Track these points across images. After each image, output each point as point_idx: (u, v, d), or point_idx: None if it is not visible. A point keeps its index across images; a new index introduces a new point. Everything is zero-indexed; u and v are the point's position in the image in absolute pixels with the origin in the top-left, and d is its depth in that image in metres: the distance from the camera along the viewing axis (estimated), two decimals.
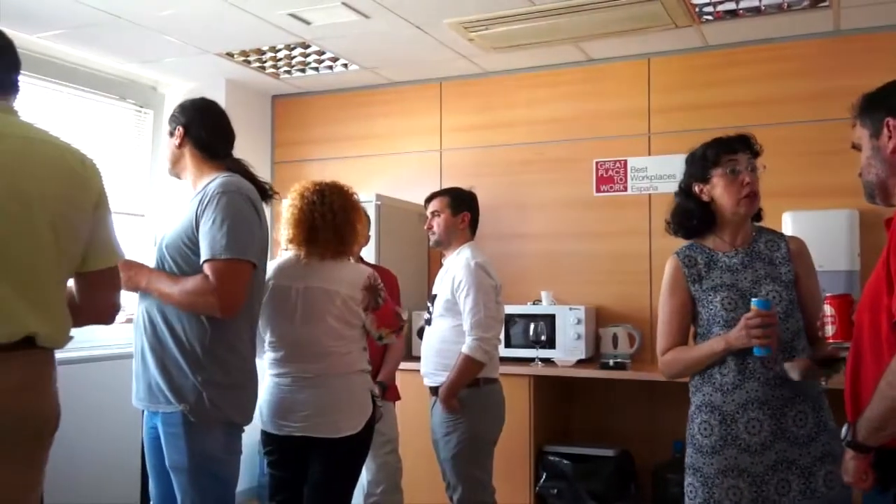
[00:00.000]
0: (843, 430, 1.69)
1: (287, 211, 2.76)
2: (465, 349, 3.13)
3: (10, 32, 4.23)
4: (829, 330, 1.95)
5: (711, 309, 2.25)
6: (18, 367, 1.73)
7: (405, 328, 2.88)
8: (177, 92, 4.96)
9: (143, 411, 2.48)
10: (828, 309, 1.97)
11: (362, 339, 2.77)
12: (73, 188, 1.82)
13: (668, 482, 3.98)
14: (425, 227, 3.41)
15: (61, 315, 1.82)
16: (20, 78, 1.92)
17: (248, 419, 2.47)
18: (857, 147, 1.81)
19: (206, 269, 2.28)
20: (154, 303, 2.35)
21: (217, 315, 2.31)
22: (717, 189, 2.28)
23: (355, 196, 2.86)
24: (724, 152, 2.29)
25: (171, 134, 2.53)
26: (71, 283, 1.92)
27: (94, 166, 1.90)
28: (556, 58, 4.60)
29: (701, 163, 2.33)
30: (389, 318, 2.77)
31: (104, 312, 2.00)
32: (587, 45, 4.40)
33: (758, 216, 2.35)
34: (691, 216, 2.35)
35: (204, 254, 2.29)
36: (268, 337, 2.72)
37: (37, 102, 4.20)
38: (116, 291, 2.00)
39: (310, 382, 2.67)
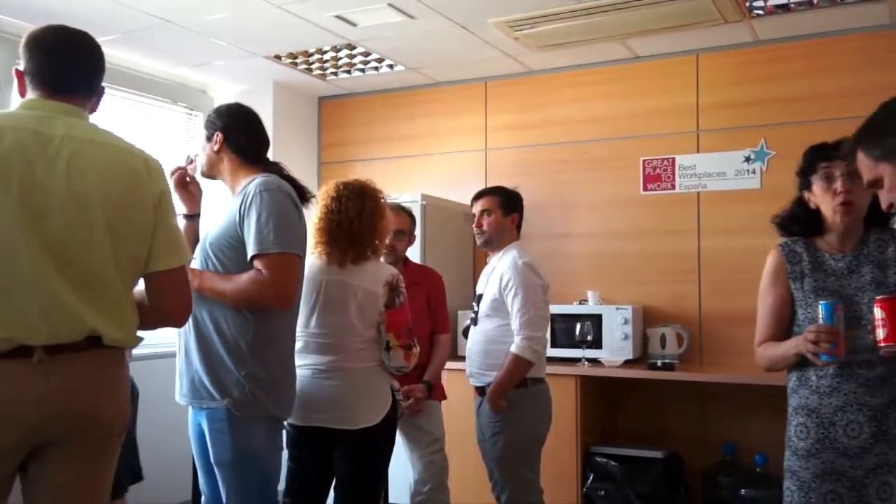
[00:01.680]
0: None
1: (314, 216, 2.79)
2: (514, 349, 3.12)
3: None
4: (881, 334, 1.90)
5: (810, 313, 2.18)
6: (84, 367, 1.76)
7: (416, 359, 2.79)
8: (226, 94, 5.04)
9: (189, 408, 2.52)
10: (877, 312, 1.92)
11: (380, 339, 2.73)
12: (133, 189, 1.85)
13: (718, 485, 3.92)
14: (474, 226, 3.38)
15: (124, 314, 1.85)
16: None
17: (288, 413, 2.51)
18: (876, 184, 1.65)
19: (258, 263, 2.32)
20: (197, 301, 2.38)
21: (273, 307, 2.36)
22: (817, 197, 2.22)
23: (378, 196, 2.82)
24: (819, 159, 2.22)
25: (209, 139, 2.56)
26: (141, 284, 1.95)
27: (158, 167, 1.93)
28: (601, 55, 4.56)
29: (802, 170, 2.27)
30: (400, 325, 2.72)
31: (172, 313, 2.00)
32: (634, 43, 4.36)
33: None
34: (795, 221, 2.30)
35: (253, 249, 2.32)
36: None
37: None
38: (184, 292, 1.99)
39: (326, 375, 2.69)
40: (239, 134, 2.54)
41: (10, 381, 1.68)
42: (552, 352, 4.11)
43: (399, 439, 3.49)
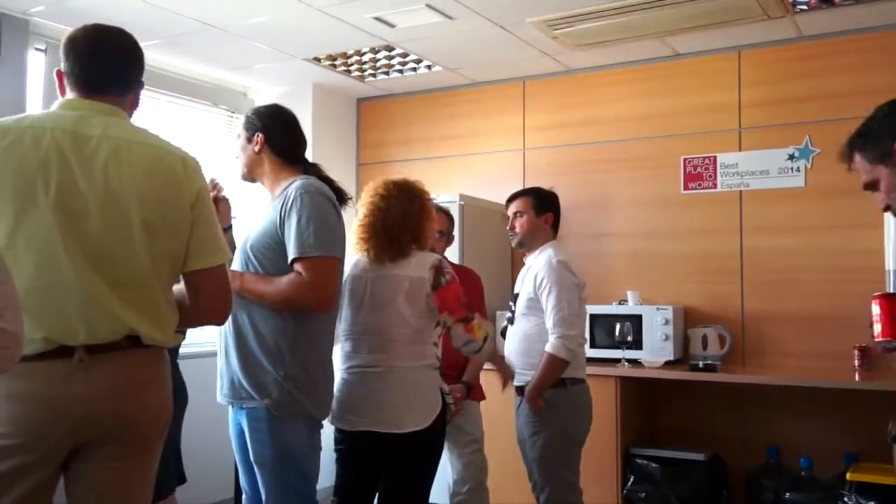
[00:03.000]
0: None
1: (359, 213, 2.78)
2: (548, 347, 3.11)
3: None
4: (877, 329, 1.92)
5: None
6: (124, 366, 1.78)
7: (486, 329, 2.70)
8: (266, 97, 5.10)
9: (229, 407, 2.55)
10: (875, 308, 1.93)
11: (431, 330, 2.68)
12: (170, 188, 1.84)
13: (762, 488, 3.87)
14: (507, 228, 3.38)
15: (162, 314, 1.85)
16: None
17: (326, 413, 2.52)
18: (873, 186, 1.71)
19: (298, 266, 2.33)
20: (237, 302, 2.39)
21: (313, 310, 2.38)
22: None
23: (425, 196, 2.77)
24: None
25: (249, 140, 2.56)
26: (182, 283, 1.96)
27: (195, 166, 1.92)
28: (641, 54, 4.52)
29: None
30: (452, 301, 2.66)
31: (212, 312, 2.00)
32: (674, 40, 4.31)
33: None
34: None
35: (293, 252, 2.34)
36: (340, 327, 2.72)
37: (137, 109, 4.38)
38: (224, 290, 1.97)
39: (375, 376, 2.62)
40: (279, 135, 2.56)
41: (52, 380, 1.70)
42: (591, 352, 4.09)
43: None
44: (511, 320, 3.35)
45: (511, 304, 3.39)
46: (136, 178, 1.79)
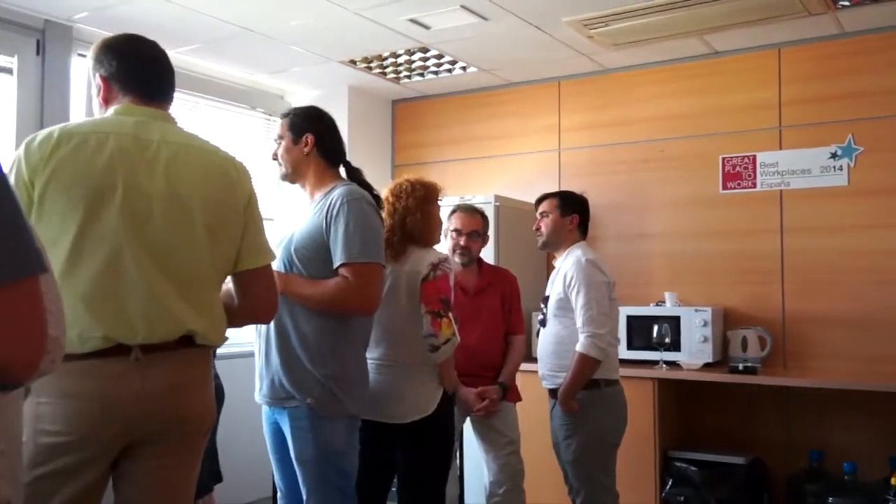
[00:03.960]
0: None
1: None
2: (578, 347, 3.09)
3: None
4: None
5: None
6: (176, 367, 1.81)
7: (451, 332, 2.76)
8: (302, 100, 5.14)
9: (265, 407, 2.58)
10: None
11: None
12: (226, 191, 1.90)
13: (804, 493, 3.79)
14: (533, 228, 3.39)
15: (217, 314, 1.91)
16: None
17: (364, 411, 2.56)
18: None
19: (345, 271, 2.38)
20: (279, 302, 2.43)
21: (358, 314, 2.47)
22: None
23: (423, 196, 2.89)
24: None
25: (296, 141, 2.57)
26: (229, 283, 2.01)
27: (245, 170, 1.99)
28: (678, 52, 4.47)
29: None
30: (431, 293, 2.74)
31: (262, 310, 2.07)
32: (712, 38, 4.25)
33: None
34: None
35: (340, 257, 2.38)
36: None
37: (177, 114, 4.45)
38: (272, 290, 2.04)
39: (382, 369, 2.78)
40: (328, 137, 2.59)
41: (108, 379, 1.72)
42: (628, 354, 4.06)
43: (474, 440, 3.51)
44: (543, 322, 3.33)
45: (542, 306, 3.38)
46: (196, 181, 1.84)
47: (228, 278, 2.00)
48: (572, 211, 3.33)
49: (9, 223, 0.92)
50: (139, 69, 1.91)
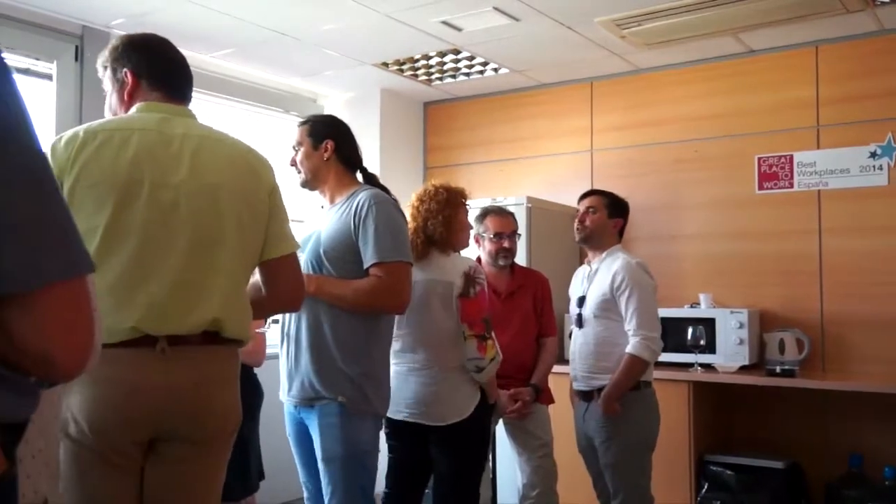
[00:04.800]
0: None
1: None
2: (631, 349, 3.07)
3: (188, 53, 4.57)
4: None
5: None
6: (202, 362, 1.81)
7: (494, 352, 2.80)
8: (335, 103, 5.18)
9: (289, 407, 2.60)
10: None
11: (460, 333, 2.81)
12: (250, 181, 1.92)
13: (843, 499, 3.73)
14: (576, 220, 3.34)
15: (242, 306, 1.90)
16: (196, 94, 2.08)
17: (387, 410, 2.60)
18: None
19: (377, 270, 2.43)
20: (309, 304, 2.45)
21: (391, 312, 2.53)
22: None
23: (447, 201, 2.91)
24: None
25: (315, 147, 2.60)
26: (256, 276, 2.01)
27: (265, 160, 2.00)
28: (713, 51, 4.42)
29: None
30: (474, 314, 2.78)
31: (290, 298, 2.08)
32: (747, 36, 4.20)
33: None
34: None
35: (371, 257, 2.43)
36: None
37: (212, 118, 4.52)
38: (297, 277, 2.06)
39: (418, 373, 2.81)
40: (346, 144, 2.64)
41: (135, 367, 1.74)
42: (662, 356, 3.96)
43: (507, 443, 3.50)
44: (578, 323, 3.31)
45: (575, 307, 3.35)
46: (221, 171, 1.86)
47: (256, 271, 2.00)
48: (618, 215, 3.32)
49: (60, 223, 0.93)
50: (168, 67, 1.96)
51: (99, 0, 3.64)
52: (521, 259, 3.92)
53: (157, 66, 1.94)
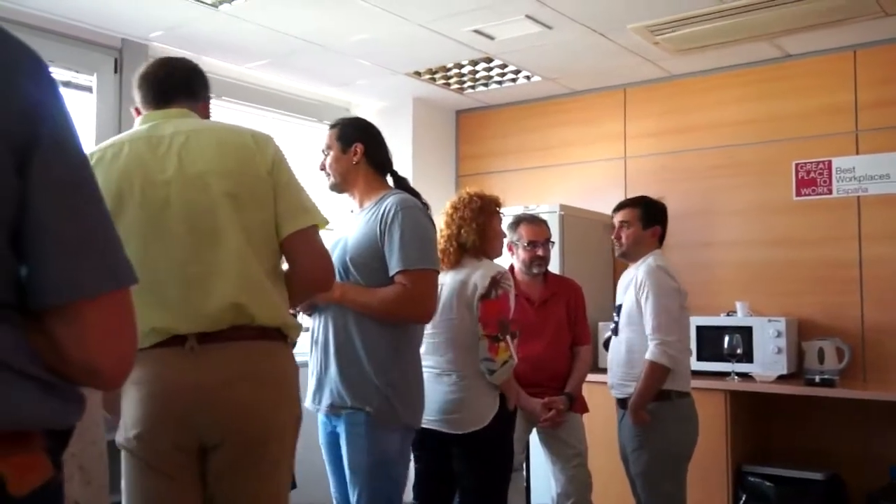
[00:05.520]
0: None
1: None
2: (648, 355, 3.04)
3: (224, 65, 4.61)
4: None
5: None
6: (233, 359, 1.77)
7: (507, 356, 2.77)
8: (367, 112, 5.21)
9: (321, 416, 2.59)
10: None
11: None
12: (244, 160, 1.86)
13: None
14: (613, 237, 3.34)
15: (266, 289, 1.83)
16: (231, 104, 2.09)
17: (419, 422, 2.55)
18: None
19: (402, 278, 2.39)
20: (337, 312, 2.45)
21: (415, 321, 2.48)
22: None
23: (481, 209, 2.94)
24: None
25: (345, 151, 2.58)
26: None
27: (265, 138, 1.93)
28: (748, 56, 4.37)
29: None
30: (491, 315, 2.77)
31: (312, 276, 1.96)
32: (783, 41, 4.15)
33: None
34: None
35: (397, 265, 2.39)
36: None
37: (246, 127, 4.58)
38: (319, 253, 1.94)
39: (440, 378, 2.82)
40: (376, 147, 2.62)
41: (166, 367, 1.75)
42: (698, 365, 3.96)
43: (541, 452, 3.48)
44: (615, 331, 3.29)
45: (614, 314, 3.33)
46: (210, 157, 1.83)
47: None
48: (654, 222, 3.27)
49: (103, 235, 0.96)
50: (145, 83, 2.00)
51: (137, 14, 3.71)
52: (554, 267, 3.90)
53: (140, 89, 2.00)
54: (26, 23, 3.56)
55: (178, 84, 2.00)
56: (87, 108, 3.91)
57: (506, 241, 3.28)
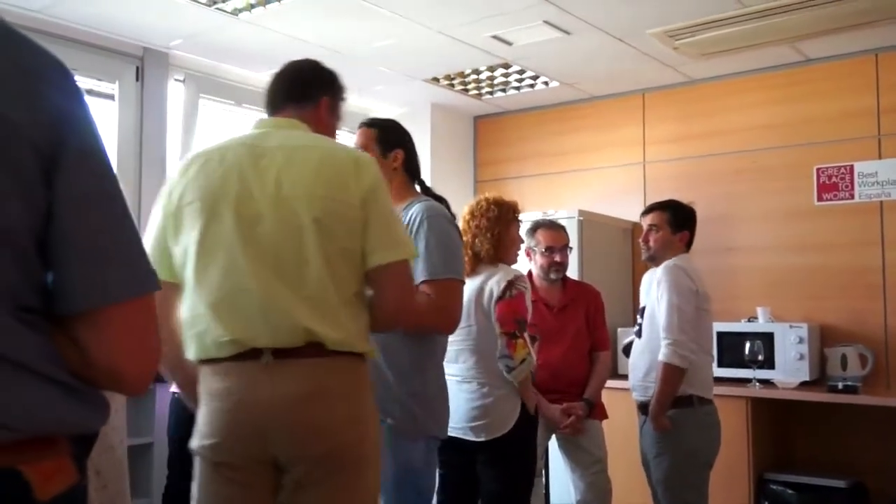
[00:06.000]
0: None
1: None
2: (661, 357, 2.99)
3: (243, 71, 4.63)
4: None
5: None
6: (308, 375, 1.76)
7: (526, 353, 2.74)
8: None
9: None
10: None
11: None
12: (338, 186, 1.83)
13: None
14: (641, 240, 3.31)
15: (339, 315, 1.80)
16: (250, 111, 2.10)
17: (445, 433, 2.51)
18: None
19: (427, 288, 2.34)
20: None
21: (440, 332, 2.43)
22: None
23: (497, 214, 2.93)
24: None
25: (385, 156, 2.51)
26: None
27: (367, 164, 1.88)
28: (768, 60, 4.35)
29: None
30: (507, 314, 2.74)
31: (392, 311, 1.92)
32: (804, 45, 4.12)
33: None
34: None
35: (422, 274, 2.35)
36: None
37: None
38: (404, 288, 1.92)
39: (461, 385, 2.80)
40: (413, 154, 2.58)
41: (243, 380, 1.75)
42: (719, 371, 3.93)
43: (560, 459, 3.46)
44: (639, 333, 3.26)
45: (638, 317, 3.30)
46: (306, 180, 1.81)
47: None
48: (683, 227, 3.24)
49: (129, 242, 0.97)
50: (268, 87, 2.03)
51: (158, 22, 3.74)
52: (572, 273, 3.89)
53: (266, 91, 2.04)
54: (50, 32, 3.60)
55: (286, 92, 2.02)
56: (109, 116, 3.96)
57: (524, 246, 3.27)
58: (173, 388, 3.23)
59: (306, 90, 2.03)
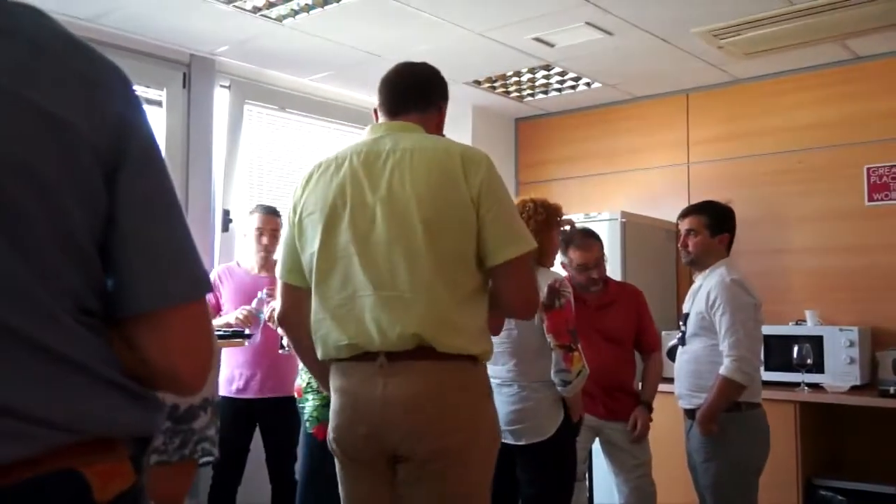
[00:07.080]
0: None
1: None
2: (723, 371, 2.97)
3: (287, 76, 4.68)
4: None
5: None
6: (417, 377, 1.81)
7: (581, 365, 2.72)
8: None
9: None
10: None
11: (543, 346, 2.76)
12: (447, 186, 1.84)
13: None
14: (679, 245, 3.27)
15: (450, 318, 1.83)
16: (295, 116, 2.13)
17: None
18: None
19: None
20: None
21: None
22: None
23: (539, 217, 2.89)
24: None
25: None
26: None
27: (477, 160, 1.87)
28: (816, 59, 4.26)
29: None
30: (560, 325, 2.71)
31: (515, 307, 1.99)
32: (853, 43, 4.03)
33: None
34: None
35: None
36: None
37: (310, 139, 4.67)
38: (523, 284, 1.93)
39: (501, 389, 2.78)
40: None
41: (360, 380, 1.85)
42: (767, 375, 3.86)
43: (604, 462, 3.44)
44: (682, 340, 3.22)
45: (681, 323, 3.27)
46: (417, 182, 1.84)
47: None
48: (722, 230, 3.17)
49: (186, 246, 1.00)
50: (384, 90, 2.07)
51: (205, 30, 3.81)
52: (615, 274, 3.85)
53: (381, 90, 2.07)
54: (100, 40, 3.69)
55: (410, 96, 2.04)
56: (157, 122, 4.04)
57: (558, 258, 3.23)
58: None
59: (431, 97, 2.07)
